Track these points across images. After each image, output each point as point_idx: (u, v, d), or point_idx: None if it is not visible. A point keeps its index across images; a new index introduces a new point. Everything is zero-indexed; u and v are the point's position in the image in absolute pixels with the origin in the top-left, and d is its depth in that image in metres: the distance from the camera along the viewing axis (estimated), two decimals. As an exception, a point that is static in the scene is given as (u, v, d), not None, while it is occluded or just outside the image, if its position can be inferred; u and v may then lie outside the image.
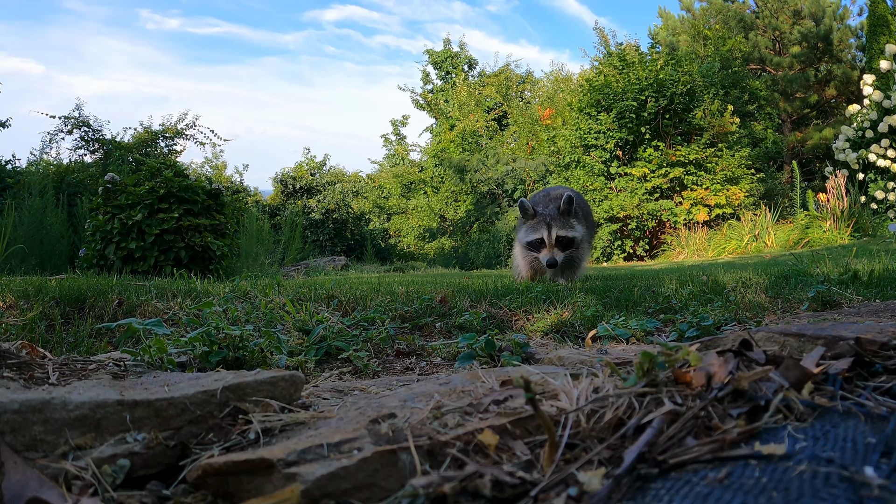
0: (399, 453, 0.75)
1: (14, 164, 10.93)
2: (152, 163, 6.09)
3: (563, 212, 3.86)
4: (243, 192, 18.41)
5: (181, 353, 1.68)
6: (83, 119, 11.68)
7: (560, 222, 3.82)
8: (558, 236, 3.78)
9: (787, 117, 19.65)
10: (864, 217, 9.76)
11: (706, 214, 12.35)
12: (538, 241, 3.82)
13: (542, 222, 3.82)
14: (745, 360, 0.91)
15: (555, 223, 3.80)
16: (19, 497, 0.71)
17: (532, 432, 0.82)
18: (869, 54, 12.24)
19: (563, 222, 3.83)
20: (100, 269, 5.29)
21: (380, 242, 18.92)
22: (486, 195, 17.68)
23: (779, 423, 0.75)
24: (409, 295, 2.92)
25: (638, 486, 0.66)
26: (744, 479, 0.63)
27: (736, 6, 20.22)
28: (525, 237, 3.91)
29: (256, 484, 0.76)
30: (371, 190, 21.34)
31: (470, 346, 1.93)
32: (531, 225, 3.87)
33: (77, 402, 0.86)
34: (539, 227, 3.80)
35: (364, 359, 1.92)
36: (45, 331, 2.18)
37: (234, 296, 2.83)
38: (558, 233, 3.79)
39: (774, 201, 12.49)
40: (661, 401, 0.81)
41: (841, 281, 2.91)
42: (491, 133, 20.46)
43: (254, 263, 7.16)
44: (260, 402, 1.00)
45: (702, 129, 13.14)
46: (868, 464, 0.63)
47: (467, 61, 23.15)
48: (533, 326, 2.62)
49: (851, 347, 0.93)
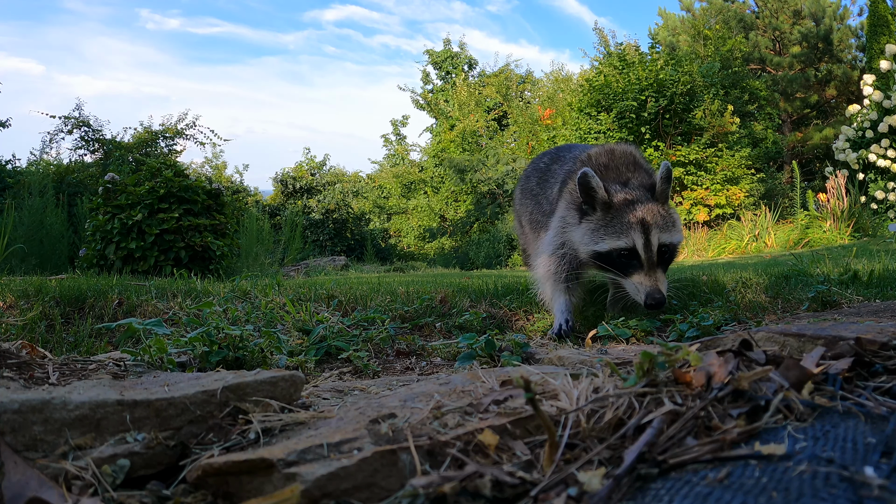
0: (399, 453, 0.75)
1: (14, 164, 10.94)
2: (152, 163, 6.10)
3: (659, 195, 2.31)
4: (243, 192, 18.41)
5: (181, 353, 1.68)
6: (83, 119, 11.69)
7: (661, 218, 2.26)
8: (662, 245, 2.24)
9: (787, 117, 19.65)
10: (865, 217, 9.76)
11: (706, 214, 12.36)
12: (623, 254, 2.23)
13: (628, 217, 2.24)
14: (745, 360, 0.91)
15: (653, 220, 2.24)
16: (19, 497, 0.71)
17: (532, 432, 0.82)
18: (869, 54, 12.23)
19: (665, 217, 2.28)
20: (100, 269, 5.29)
21: (380, 242, 18.92)
22: (486, 195, 17.68)
23: (779, 423, 0.75)
24: (409, 295, 2.92)
25: (638, 486, 0.66)
26: (744, 479, 0.63)
27: (736, 6, 20.22)
28: (592, 241, 2.29)
29: (256, 484, 0.76)
30: (371, 190, 21.34)
31: (470, 346, 1.93)
32: (602, 221, 2.28)
33: (77, 402, 0.86)
34: (624, 227, 2.23)
35: (364, 359, 1.92)
36: (45, 331, 2.18)
37: (234, 296, 2.83)
38: (661, 238, 2.23)
39: (774, 201, 12.49)
40: (661, 401, 0.81)
41: (841, 281, 2.91)
42: (491, 133, 20.46)
43: (254, 263, 7.16)
44: (260, 402, 1.00)
45: (702, 129, 13.14)
46: (868, 464, 0.63)
47: (467, 61, 23.15)
48: (533, 326, 2.62)
49: (851, 347, 0.93)
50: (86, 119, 11.72)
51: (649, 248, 2.21)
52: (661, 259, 2.25)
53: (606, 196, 2.28)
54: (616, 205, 2.28)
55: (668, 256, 2.29)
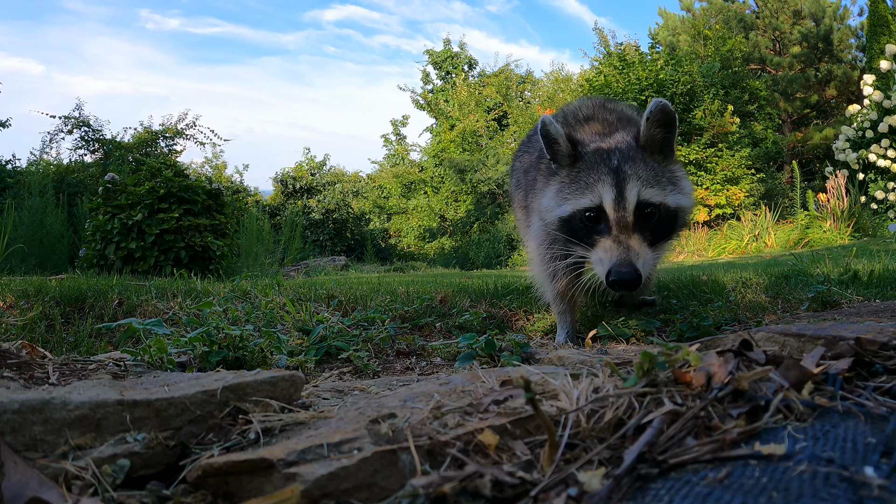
0: (399, 453, 0.75)
1: (14, 164, 10.95)
2: (152, 163, 6.10)
3: (646, 141, 1.80)
4: (243, 191, 18.41)
5: (181, 353, 1.68)
6: (83, 119, 11.69)
7: (646, 169, 1.76)
8: (643, 203, 1.73)
9: (787, 117, 19.64)
10: (864, 217, 9.76)
11: (706, 214, 12.36)
12: (589, 216, 1.76)
13: (598, 169, 1.77)
14: (745, 360, 0.91)
15: (633, 170, 1.74)
16: (19, 497, 0.71)
17: (532, 432, 0.82)
18: (869, 54, 12.23)
19: (654, 170, 1.77)
20: (100, 269, 5.30)
21: (380, 242, 18.92)
22: (486, 195, 17.68)
23: (779, 423, 0.75)
24: (409, 295, 2.92)
25: (638, 486, 0.66)
26: (744, 479, 0.63)
27: (736, 6, 20.21)
28: (556, 205, 1.85)
29: (256, 484, 0.76)
30: (371, 190, 21.33)
31: (470, 346, 1.93)
32: (567, 178, 1.84)
33: (77, 402, 0.86)
34: (591, 180, 1.77)
35: (364, 359, 1.92)
36: (45, 331, 2.18)
37: (234, 296, 2.83)
38: (643, 194, 1.73)
39: (774, 201, 12.48)
40: (661, 401, 0.81)
41: (841, 281, 2.91)
42: (491, 133, 20.45)
43: (254, 263, 7.16)
44: (260, 402, 1.00)
45: (702, 129, 13.14)
46: (868, 464, 0.63)
47: (467, 61, 23.14)
48: (533, 326, 2.62)
49: (851, 347, 0.93)
50: (86, 119, 11.72)
51: (621, 205, 1.69)
52: (642, 222, 1.71)
53: (570, 146, 1.81)
54: (586, 156, 1.81)
55: (654, 221, 1.72)
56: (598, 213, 1.74)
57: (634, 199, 1.72)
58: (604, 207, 1.72)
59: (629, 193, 1.72)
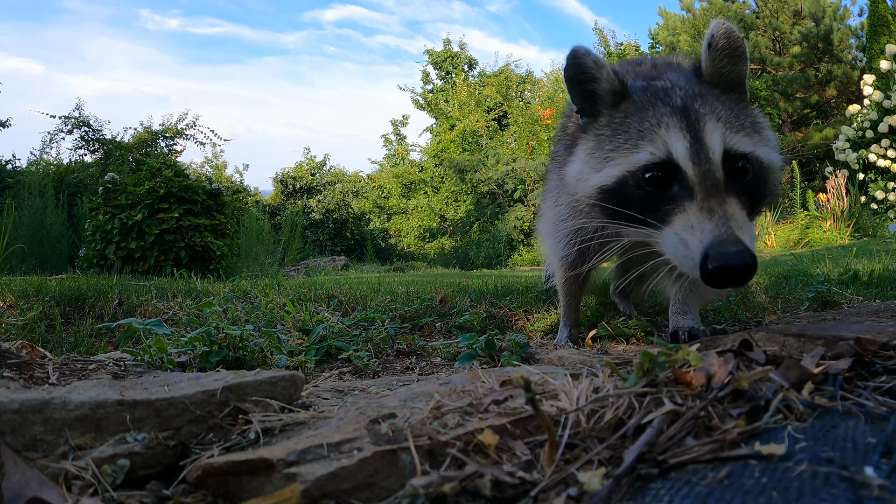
0: (399, 453, 0.75)
1: (14, 164, 10.97)
2: (152, 163, 6.11)
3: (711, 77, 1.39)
4: (243, 191, 18.40)
5: (181, 353, 1.68)
6: (83, 119, 11.70)
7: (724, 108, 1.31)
8: (731, 152, 1.27)
9: (787, 117, 19.64)
10: (865, 217, 9.76)
11: (706, 214, 12.34)
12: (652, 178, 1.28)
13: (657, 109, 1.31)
14: (745, 360, 0.91)
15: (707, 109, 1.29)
16: (19, 497, 0.71)
17: (532, 432, 0.82)
18: (869, 54, 12.23)
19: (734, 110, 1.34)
20: (100, 269, 5.30)
21: (380, 242, 18.92)
22: (486, 195, 17.68)
23: (779, 423, 0.75)
24: (409, 295, 2.92)
25: (638, 486, 0.66)
26: (744, 479, 0.63)
27: (736, 6, 20.22)
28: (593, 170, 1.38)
29: (256, 484, 0.76)
30: (371, 190, 21.33)
31: (470, 346, 1.93)
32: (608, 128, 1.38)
33: (77, 402, 0.86)
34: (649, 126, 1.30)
35: (364, 359, 1.92)
36: (45, 331, 2.18)
37: (234, 296, 2.83)
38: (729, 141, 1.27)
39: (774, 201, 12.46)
40: (661, 401, 0.81)
41: (841, 281, 2.91)
42: (491, 133, 20.45)
43: (254, 263, 7.16)
44: (260, 402, 1.00)
45: (702, 129, 13.11)
46: (868, 464, 0.63)
47: (467, 61, 23.13)
48: (533, 326, 2.62)
49: (851, 347, 0.93)
50: (86, 119, 11.73)
51: (703, 157, 1.21)
52: (733, 182, 1.24)
53: (617, 81, 1.35)
54: (635, 96, 1.35)
55: (749, 180, 1.27)
56: (667, 170, 1.25)
57: (720, 147, 1.23)
58: (676, 161, 1.23)
59: (711, 139, 1.23)
